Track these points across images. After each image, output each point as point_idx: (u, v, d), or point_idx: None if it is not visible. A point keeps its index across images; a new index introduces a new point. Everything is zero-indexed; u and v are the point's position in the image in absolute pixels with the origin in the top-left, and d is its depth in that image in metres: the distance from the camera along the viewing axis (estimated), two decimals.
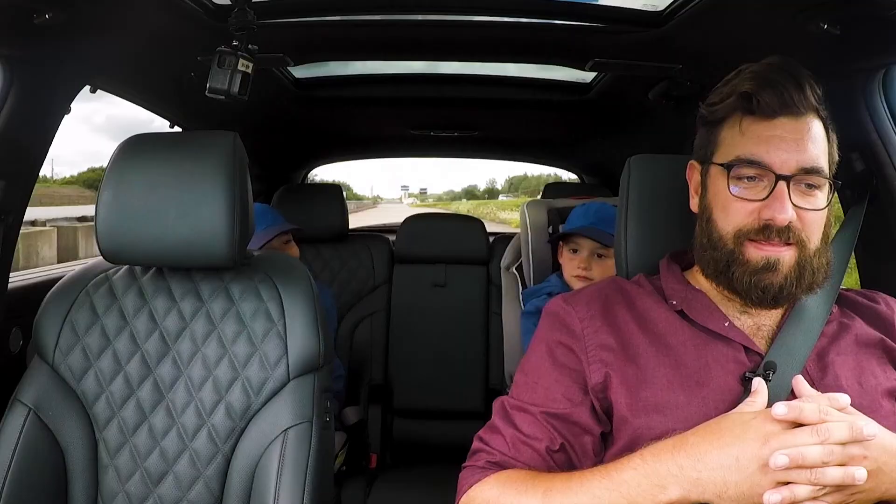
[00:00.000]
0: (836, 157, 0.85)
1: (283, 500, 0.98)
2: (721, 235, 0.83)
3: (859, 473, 0.64)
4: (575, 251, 1.55)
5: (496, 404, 0.89)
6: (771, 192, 0.79)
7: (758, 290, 0.80)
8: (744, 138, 0.82)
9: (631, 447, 0.78)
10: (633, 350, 0.83)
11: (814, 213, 0.80)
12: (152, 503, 1.03)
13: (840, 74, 1.17)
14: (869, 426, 0.66)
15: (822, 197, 0.81)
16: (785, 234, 0.79)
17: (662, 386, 0.80)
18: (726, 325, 0.83)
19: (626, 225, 1.01)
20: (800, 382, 0.74)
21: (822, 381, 0.79)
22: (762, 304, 0.83)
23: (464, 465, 0.86)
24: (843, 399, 0.69)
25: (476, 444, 0.87)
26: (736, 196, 0.81)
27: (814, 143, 0.81)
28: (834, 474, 0.64)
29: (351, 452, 1.93)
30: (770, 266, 0.80)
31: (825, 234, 0.83)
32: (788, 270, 0.80)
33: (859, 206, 1.08)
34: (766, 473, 0.65)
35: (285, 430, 1.02)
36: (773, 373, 0.78)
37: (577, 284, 1.52)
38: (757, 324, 0.85)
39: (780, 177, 0.79)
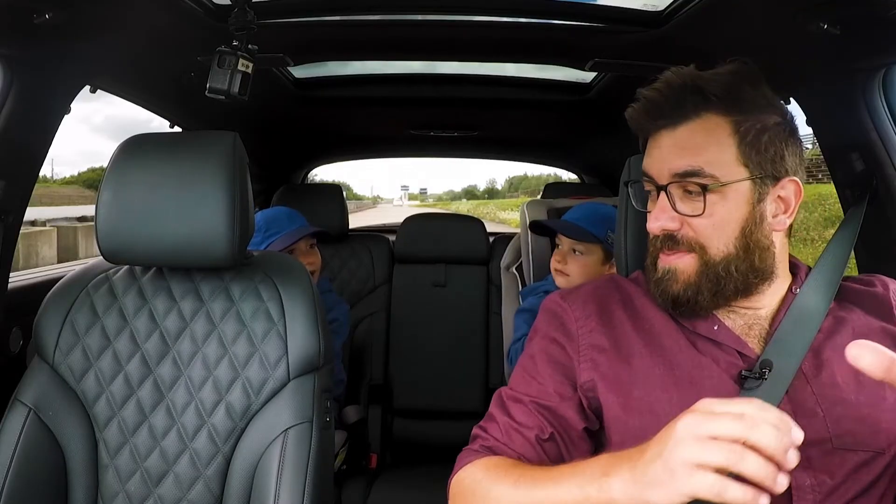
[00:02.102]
0: (775, 152, 0.79)
1: (283, 500, 0.98)
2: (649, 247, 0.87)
3: (782, 481, 0.56)
4: (558, 246, 1.57)
5: (495, 395, 0.91)
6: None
7: (660, 296, 0.83)
8: (645, 156, 0.86)
9: (625, 446, 0.78)
10: (627, 350, 0.84)
11: (700, 219, 0.79)
12: (152, 503, 1.03)
13: (840, 74, 1.17)
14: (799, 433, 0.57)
15: (711, 200, 0.78)
16: (669, 243, 0.81)
17: (655, 386, 0.80)
18: (716, 328, 0.83)
19: (626, 225, 1.02)
20: None
21: (816, 378, 0.78)
22: (668, 309, 0.84)
23: (463, 448, 0.89)
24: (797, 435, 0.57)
25: (475, 430, 0.89)
26: (644, 210, 0.86)
27: (691, 147, 0.80)
28: (753, 465, 0.55)
29: (351, 452, 1.93)
30: (667, 275, 0.82)
31: (746, 238, 0.79)
32: (686, 279, 0.81)
33: (859, 205, 1.08)
34: (682, 475, 0.57)
35: (285, 430, 1.02)
36: (770, 371, 0.78)
37: (556, 278, 1.55)
38: (748, 323, 0.84)
39: (659, 187, 0.81)
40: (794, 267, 0.87)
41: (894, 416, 0.73)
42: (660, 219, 0.81)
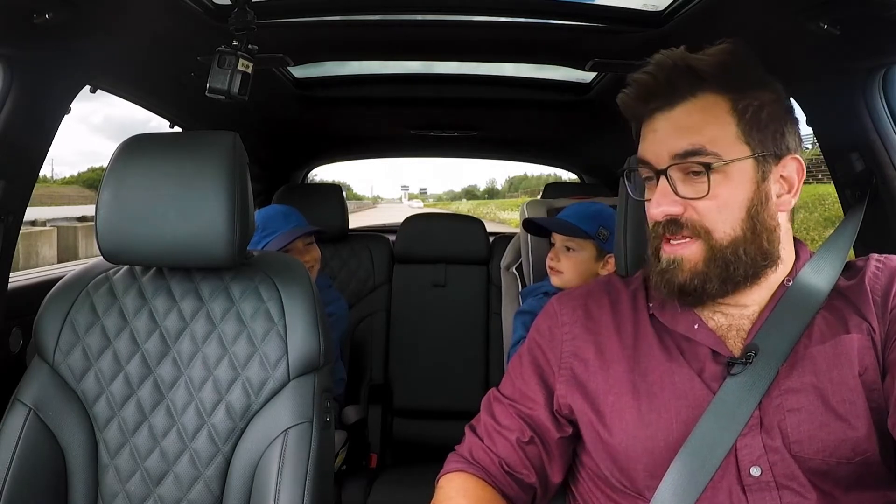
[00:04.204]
0: (775, 129, 0.77)
1: (283, 500, 0.98)
2: (648, 238, 0.83)
3: None
4: (553, 244, 1.58)
5: (486, 395, 0.93)
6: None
7: (664, 287, 0.80)
8: (640, 142, 0.83)
9: (598, 454, 0.82)
10: (608, 356, 0.84)
11: (704, 201, 0.76)
12: (152, 503, 1.03)
13: (840, 74, 1.17)
14: None
15: (714, 180, 0.75)
16: (672, 228, 0.78)
17: (626, 392, 0.80)
18: (696, 327, 0.81)
19: (626, 224, 1.02)
20: None
21: (787, 379, 0.75)
22: (674, 298, 0.81)
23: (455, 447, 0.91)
24: None
25: (466, 428, 0.91)
26: (642, 199, 0.84)
27: (689, 126, 0.77)
28: None
29: (351, 452, 1.93)
30: (671, 265, 0.78)
31: (753, 219, 0.76)
32: (692, 267, 0.77)
33: (859, 205, 1.08)
34: None
35: (285, 430, 1.02)
36: (755, 355, 0.76)
37: (550, 276, 1.56)
38: (729, 323, 0.81)
39: (658, 171, 0.78)
40: (797, 253, 0.84)
41: (861, 422, 0.72)
42: (662, 203, 0.77)
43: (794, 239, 0.85)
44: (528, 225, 1.62)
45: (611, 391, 0.81)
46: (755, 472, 0.74)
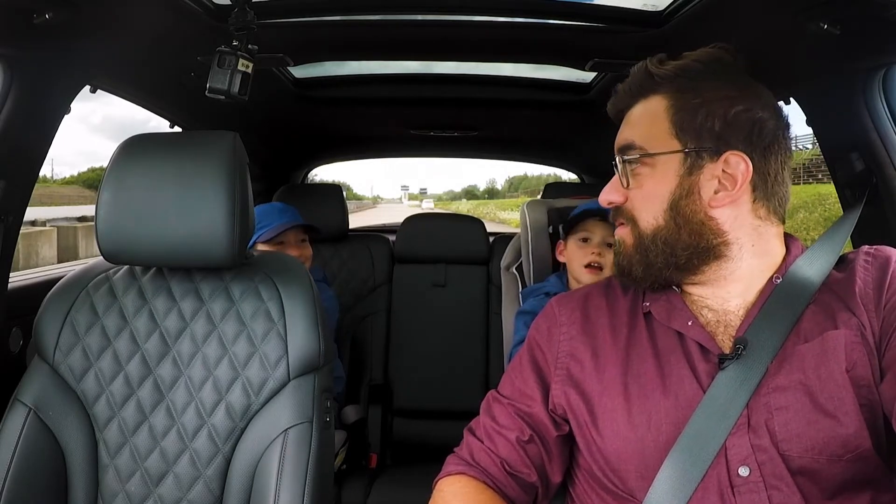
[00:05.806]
0: (713, 125, 0.79)
1: (283, 500, 0.98)
2: None
3: None
4: (585, 241, 1.51)
5: (486, 396, 0.93)
6: None
7: (615, 268, 0.88)
8: None
9: (590, 455, 0.82)
10: (603, 359, 0.84)
11: (635, 191, 0.83)
12: (152, 503, 1.03)
13: (840, 74, 1.17)
14: None
15: (644, 173, 0.82)
16: (614, 215, 0.88)
17: (618, 394, 0.80)
18: (689, 323, 0.81)
19: None
20: None
21: (775, 377, 0.75)
22: (621, 280, 0.89)
23: (454, 449, 0.91)
24: None
25: (465, 430, 0.91)
26: None
27: (630, 124, 0.86)
28: None
29: (351, 452, 1.93)
30: (617, 246, 0.87)
31: (674, 211, 0.80)
32: (625, 250, 0.85)
33: (858, 203, 1.08)
34: None
35: (285, 430, 1.02)
36: (744, 348, 0.76)
37: (586, 275, 1.47)
38: (717, 319, 0.81)
39: (614, 165, 0.87)
40: (788, 248, 0.84)
41: (850, 419, 0.71)
42: (606, 192, 0.86)
43: (786, 234, 0.85)
44: (555, 215, 1.56)
45: (604, 393, 0.81)
46: (743, 472, 0.73)
